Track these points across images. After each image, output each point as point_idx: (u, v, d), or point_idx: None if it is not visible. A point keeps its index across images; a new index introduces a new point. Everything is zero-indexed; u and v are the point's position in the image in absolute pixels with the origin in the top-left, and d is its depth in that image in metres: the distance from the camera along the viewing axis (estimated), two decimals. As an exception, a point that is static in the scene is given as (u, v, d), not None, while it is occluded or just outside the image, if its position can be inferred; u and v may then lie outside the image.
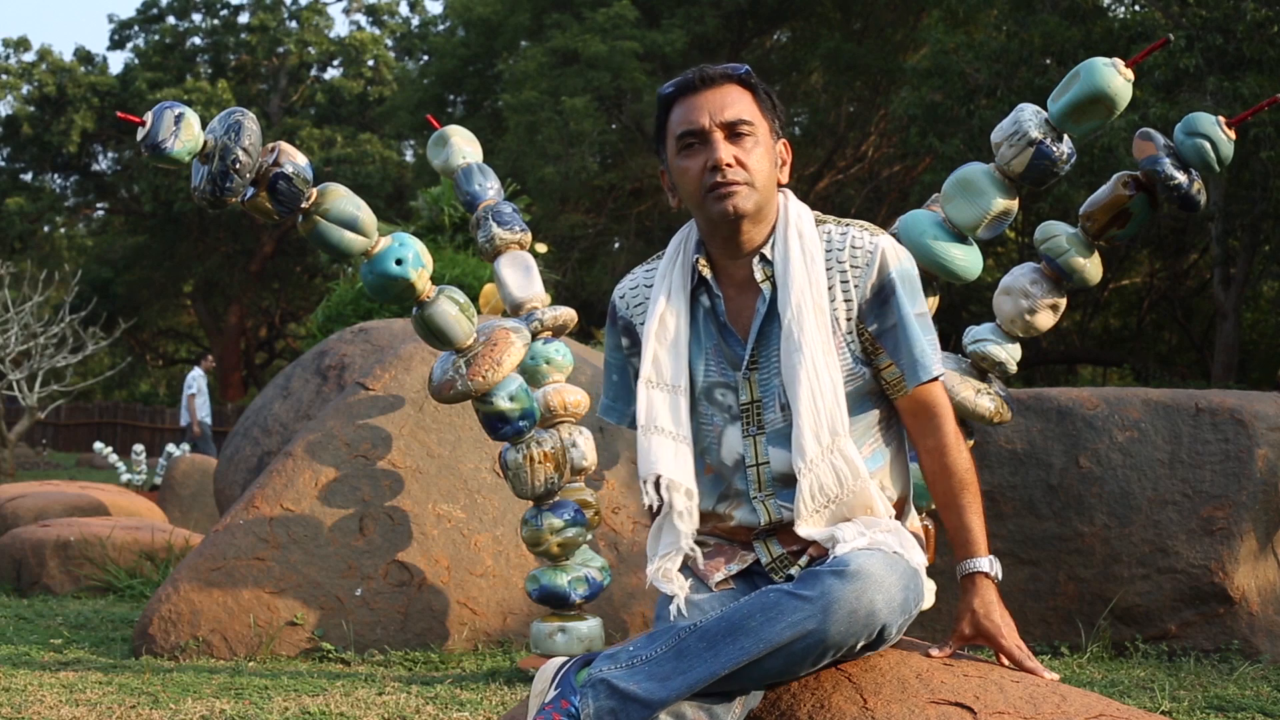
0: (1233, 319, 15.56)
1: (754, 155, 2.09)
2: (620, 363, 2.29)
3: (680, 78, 2.15)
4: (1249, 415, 4.63)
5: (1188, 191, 3.38)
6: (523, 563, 4.72)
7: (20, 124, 29.01)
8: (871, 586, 1.88)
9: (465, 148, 4.56)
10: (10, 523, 7.58)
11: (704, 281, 2.15)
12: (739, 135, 2.09)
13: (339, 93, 30.78)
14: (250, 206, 3.32)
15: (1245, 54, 12.45)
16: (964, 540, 2.11)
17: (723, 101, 2.10)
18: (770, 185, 2.12)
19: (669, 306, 2.15)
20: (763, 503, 2.10)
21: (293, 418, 6.17)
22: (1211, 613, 4.50)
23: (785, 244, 2.11)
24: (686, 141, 2.11)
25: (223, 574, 4.56)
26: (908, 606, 1.96)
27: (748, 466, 2.11)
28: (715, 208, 2.08)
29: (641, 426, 2.12)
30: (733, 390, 2.12)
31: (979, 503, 2.13)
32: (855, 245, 2.10)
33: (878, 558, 1.93)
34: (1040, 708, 1.94)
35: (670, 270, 2.18)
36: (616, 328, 2.27)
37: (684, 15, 20.61)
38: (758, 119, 2.12)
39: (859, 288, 2.09)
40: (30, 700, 3.69)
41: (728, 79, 2.12)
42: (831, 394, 2.05)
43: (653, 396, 2.12)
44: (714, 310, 2.15)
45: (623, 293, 2.27)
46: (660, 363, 2.13)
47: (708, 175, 2.08)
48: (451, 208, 10.06)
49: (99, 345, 18.06)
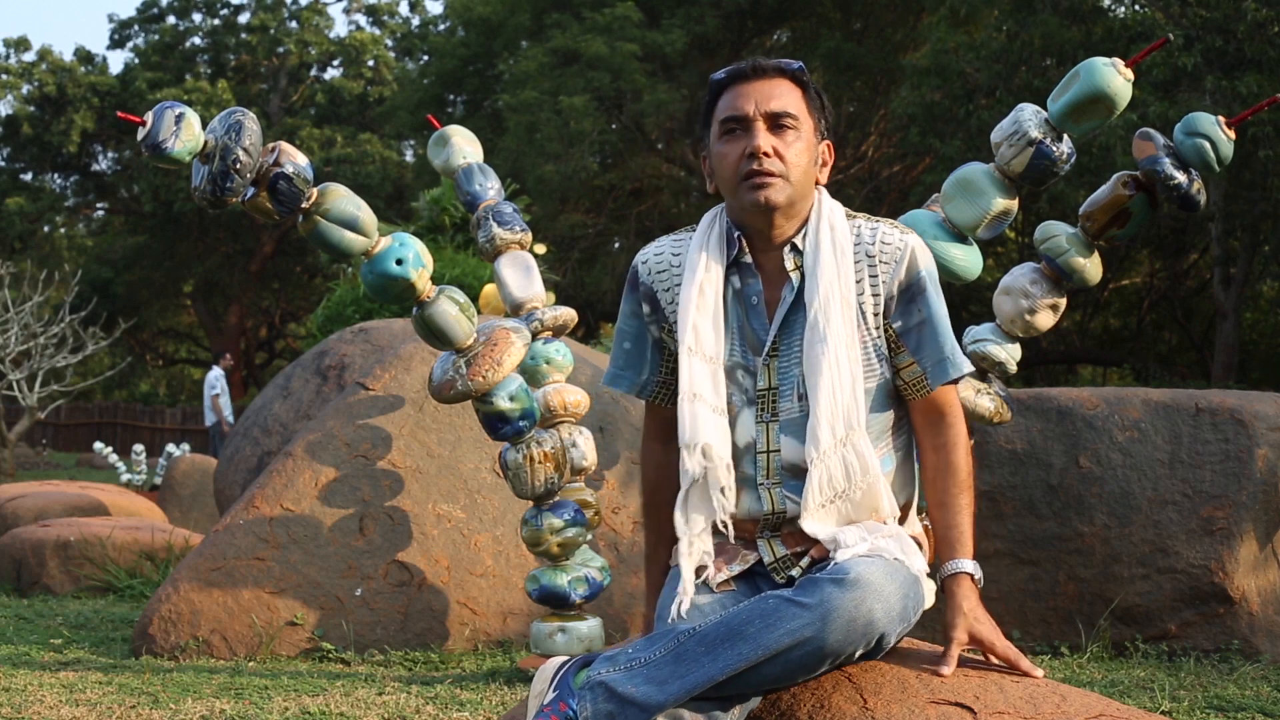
0: (1233, 319, 15.57)
1: (793, 149, 2.10)
2: (636, 330, 2.26)
3: (734, 65, 2.17)
4: (1249, 415, 4.63)
5: (1187, 191, 3.38)
6: (523, 563, 4.72)
7: (20, 124, 29.02)
8: (870, 595, 1.88)
9: (466, 148, 4.56)
10: (10, 523, 7.58)
11: (738, 262, 2.16)
12: (782, 127, 2.10)
13: (339, 93, 30.79)
14: (250, 206, 3.32)
15: (1245, 54, 12.45)
16: (952, 540, 2.11)
17: (770, 92, 2.11)
18: (806, 181, 2.13)
19: (707, 276, 2.14)
20: (769, 490, 2.10)
21: (293, 418, 6.17)
22: (1211, 613, 4.50)
23: (817, 235, 2.12)
24: (729, 127, 2.12)
25: (223, 574, 4.56)
26: (907, 615, 1.96)
27: (758, 452, 2.11)
28: (748, 197, 2.09)
29: (685, 394, 2.11)
30: (751, 374, 2.13)
31: (973, 508, 2.14)
32: (885, 241, 2.12)
33: (878, 565, 1.92)
34: (1040, 708, 1.94)
35: (706, 243, 2.17)
36: (636, 293, 2.24)
37: (684, 15, 20.61)
38: (803, 114, 2.13)
39: (887, 284, 2.10)
40: (30, 700, 3.70)
41: (780, 73, 2.14)
42: (850, 387, 2.06)
43: (695, 365, 2.11)
44: (743, 292, 2.15)
45: (646, 259, 2.24)
46: (701, 332, 2.12)
47: (745, 162, 2.09)
48: (452, 208, 10.06)
49: (99, 345, 18.07)
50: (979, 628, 2.06)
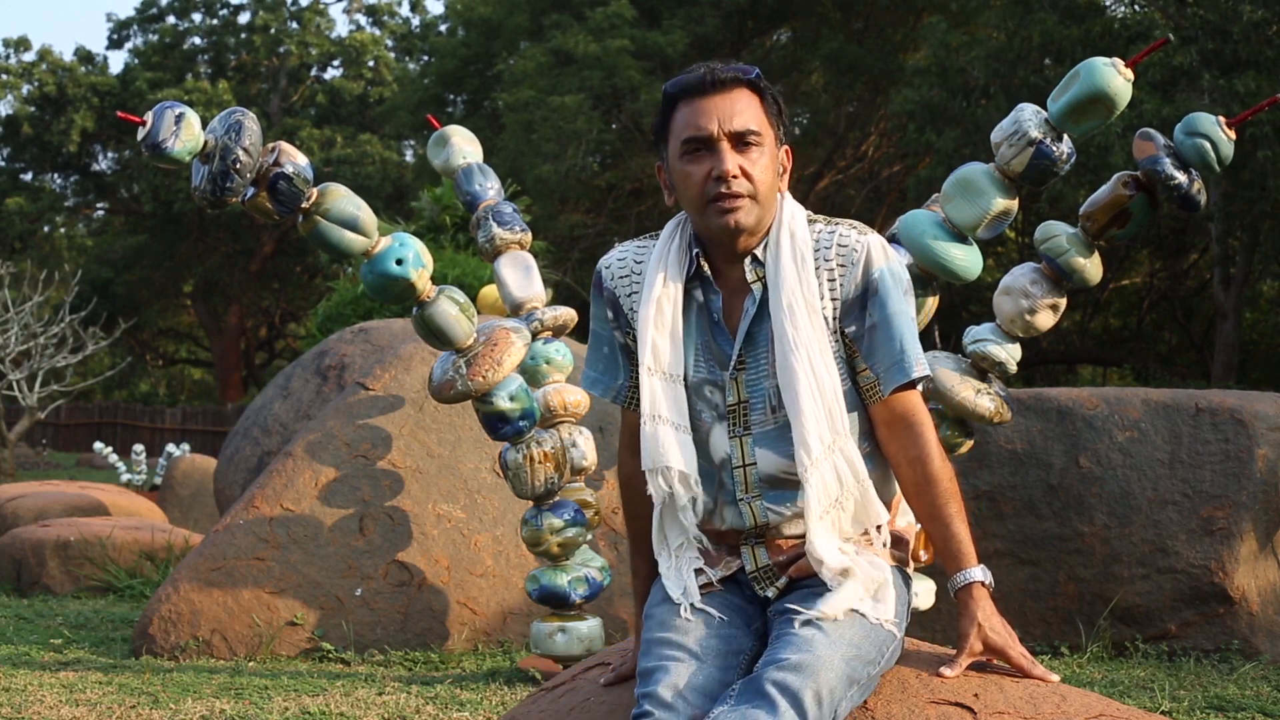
0: (1233, 319, 15.56)
1: (759, 166, 2.05)
2: (609, 335, 2.22)
3: (688, 75, 2.09)
4: (1249, 415, 4.63)
5: (1188, 191, 3.38)
6: (523, 563, 4.72)
7: (20, 124, 28.99)
8: (817, 680, 1.84)
9: (465, 148, 4.56)
10: (10, 523, 7.58)
11: (699, 275, 2.11)
12: (746, 145, 2.04)
13: (339, 93, 30.77)
14: (250, 206, 3.32)
15: (1241, 54, 12.45)
16: (955, 552, 2.06)
17: (732, 109, 2.05)
18: (771, 195, 2.09)
19: (664, 292, 2.10)
20: (749, 504, 2.08)
21: (293, 418, 6.17)
22: (1211, 613, 4.50)
23: (777, 245, 2.07)
24: (692, 146, 2.06)
25: (223, 574, 4.56)
26: (857, 676, 1.91)
27: (734, 467, 2.08)
28: (716, 221, 2.05)
29: (646, 415, 2.08)
30: (720, 389, 2.10)
31: (964, 511, 2.08)
32: (841, 244, 2.07)
33: (828, 644, 1.89)
34: (1040, 708, 1.94)
35: (665, 256, 2.13)
36: (603, 298, 2.21)
37: (684, 15, 20.60)
38: (765, 128, 2.07)
39: (844, 287, 2.06)
40: (30, 700, 3.70)
41: (738, 82, 2.07)
42: (831, 392, 2.03)
43: (655, 385, 2.08)
44: (707, 307, 2.12)
45: (609, 264, 2.20)
46: (659, 350, 2.09)
47: (711, 185, 2.04)
48: (453, 208, 10.06)
49: (99, 345, 18.07)
50: (993, 638, 2.03)
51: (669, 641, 1.99)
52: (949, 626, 4.66)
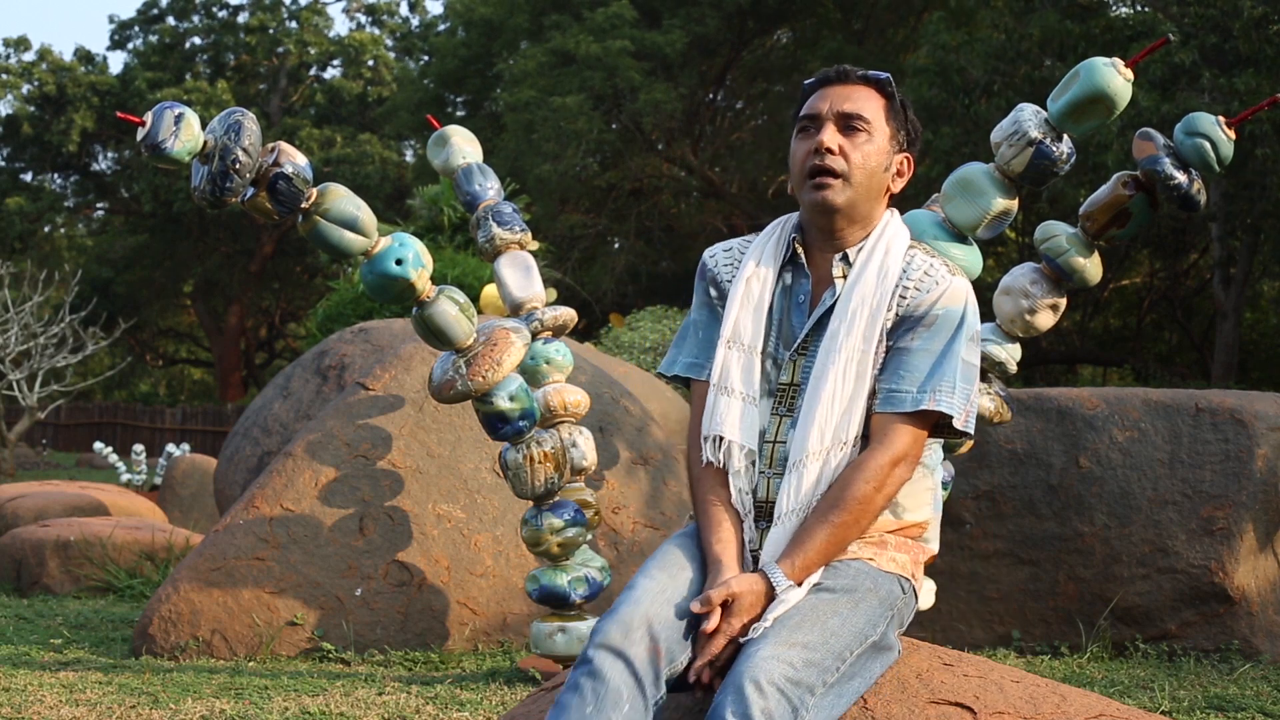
0: (1233, 319, 15.56)
1: (861, 150, 2.15)
2: (707, 319, 2.30)
3: (824, 71, 2.24)
4: (1249, 415, 4.63)
5: (1188, 191, 3.38)
6: (523, 563, 4.72)
7: (20, 124, 28.99)
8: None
9: (465, 148, 4.56)
10: (10, 523, 7.58)
11: (793, 261, 2.21)
12: (852, 129, 2.15)
13: (339, 93, 30.76)
14: (250, 206, 3.32)
15: (1242, 51, 12.44)
16: (796, 550, 2.02)
17: (848, 95, 2.17)
18: (871, 186, 2.16)
19: (757, 273, 2.21)
20: (767, 479, 2.13)
21: (293, 418, 6.17)
22: (1211, 613, 4.50)
23: (870, 253, 2.16)
24: (803, 125, 2.19)
25: (223, 574, 4.56)
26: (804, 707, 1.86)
27: (765, 441, 2.15)
28: (810, 196, 2.15)
29: (713, 384, 2.17)
30: (778, 367, 2.18)
31: (840, 537, 2.04)
32: (929, 272, 2.15)
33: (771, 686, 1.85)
34: (1040, 708, 1.94)
35: (765, 243, 2.25)
36: (705, 280, 2.31)
37: (685, 16, 20.59)
38: (878, 121, 2.17)
39: (909, 305, 2.13)
40: (30, 700, 3.70)
41: (864, 81, 2.19)
42: (847, 402, 2.09)
43: (728, 357, 2.18)
44: (792, 288, 2.21)
45: (714, 253, 2.32)
46: (741, 325, 2.19)
47: (810, 158, 2.15)
48: (451, 208, 10.06)
49: (99, 345, 18.07)
50: (738, 595, 1.98)
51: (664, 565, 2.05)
52: (949, 627, 4.66)
